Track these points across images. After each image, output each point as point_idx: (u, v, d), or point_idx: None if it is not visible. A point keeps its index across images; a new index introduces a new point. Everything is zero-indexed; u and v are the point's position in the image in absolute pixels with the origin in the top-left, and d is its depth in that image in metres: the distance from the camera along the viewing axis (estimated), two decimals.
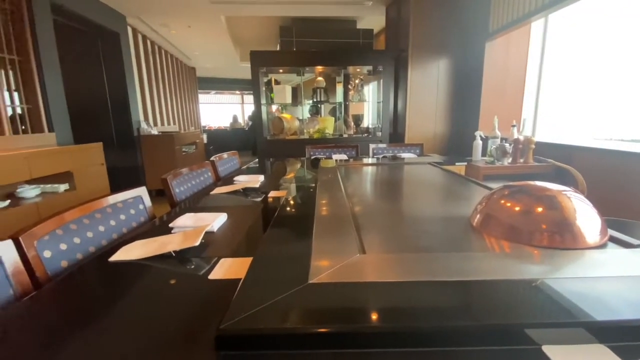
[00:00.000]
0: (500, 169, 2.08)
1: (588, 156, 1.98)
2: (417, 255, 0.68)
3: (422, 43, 3.50)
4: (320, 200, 1.11)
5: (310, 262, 0.62)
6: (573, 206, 0.75)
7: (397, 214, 1.07)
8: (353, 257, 0.64)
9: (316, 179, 1.48)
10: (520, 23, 2.76)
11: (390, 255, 0.69)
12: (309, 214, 0.93)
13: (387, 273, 0.60)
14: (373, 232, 0.85)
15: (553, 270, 0.60)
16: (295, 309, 0.48)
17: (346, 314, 0.48)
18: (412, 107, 3.60)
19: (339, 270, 0.59)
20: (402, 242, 0.80)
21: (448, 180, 1.50)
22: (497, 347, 0.43)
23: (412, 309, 0.49)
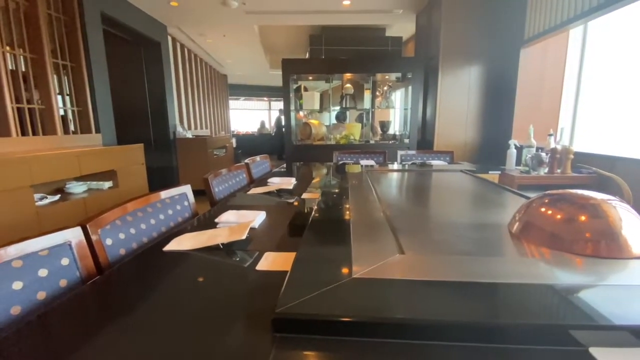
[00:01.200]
0: (535, 178, 2.01)
1: (633, 167, 1.87)
2: (456, 257, 0.70)
3: (453, 49, 3.46)
4: (354, 204, 1.14)
5: (351, 259, 0.65)
6: (619, 215, 0.73)
7: (431, 218, 1.08)
8: (393, 256, 0.67)
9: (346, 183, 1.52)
10: (558, 30, 2.68)
11: (428, 256, 0.71)
12: (343, 216, 0.97)
13: (426, 272, 0.62)
14: (409, 235, 0.87)
15: (598, 278, 0.60)
16: (342, 300, 0.52)
17: (388, 307, 0.51)
18: (441, 114, 3.56)
19: (380, 267, 0.62)
20: (439, 245, 0.81)
21: (482, 188, 1.48)
22: (542, 347, 0.44)
23: (453, 306, 0.51)
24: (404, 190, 1.55)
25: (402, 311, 0.50)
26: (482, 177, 1.68)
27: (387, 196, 1.33)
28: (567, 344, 0.44)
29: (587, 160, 2.15)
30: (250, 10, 3.85)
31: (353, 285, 0.56)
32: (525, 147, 2.17)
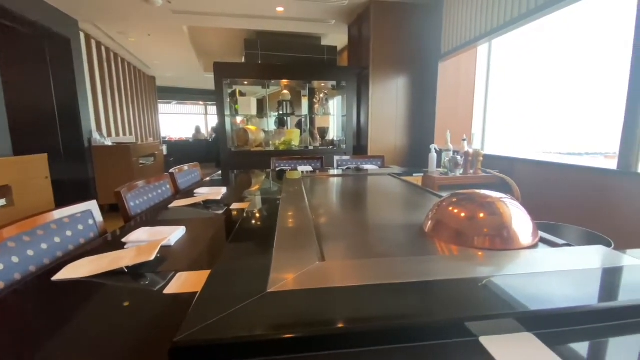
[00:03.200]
0: (453, 179, 2.23)
1: (526, 167, 2.21)
2: (373, 260, 0.72)
3: (382, 61, 3.69)
4: (284, 211, 1.12)
5: (269, 272, 0.62)
6: (510, 212, 0.83)
7: (357, 222, 1.11)
8: (312, 265, 0.66)
9: (281, 191, 1.49)
10: (468, 47, 3.03)
11: (348, 261, 0.72)
12: (271, 225, 0.94)
13: (344, 278, 0.62)
14: (334, 241, 0.87)
15: (493, 270, 0.66)
16: (252, 318, 0.49)
17: (303, 319, 0.50)
18: (373, 121, 3.76)
19: (298, 278, 0.60)
20: (361, 249, 0.83)
21: (406, 190, 1.58)
22: (443, 341, 0.47)
23: (366, 310, 0.52)
24: (335, 195, 1.59)
25: (313, 323, 0.49)
26: (407, 180, 1.80)
27: (318, 202, 1.34)
28: (462, 336, 0.48)
29: (494, 161, 2.47)
30: (178, 9, 3.62)
31: (267, 300, 0.53)
32: (444, 151, 2.40)
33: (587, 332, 0.49)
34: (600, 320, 0.51)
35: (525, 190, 2.18)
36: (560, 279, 0.60)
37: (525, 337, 0.47)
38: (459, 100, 3.48)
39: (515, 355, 0.44)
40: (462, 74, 3.48)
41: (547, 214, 2.04)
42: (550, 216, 2.01)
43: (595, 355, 0.49)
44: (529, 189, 2.18)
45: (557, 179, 1.99)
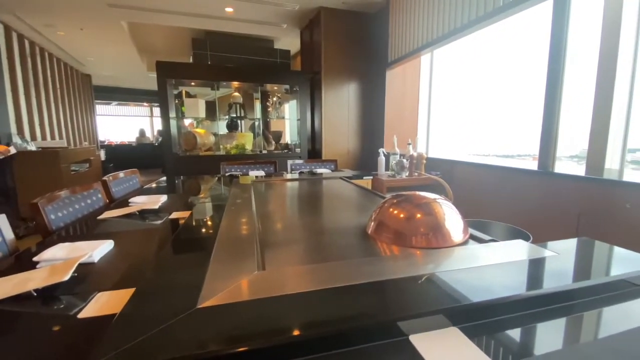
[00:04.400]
0: (399, 181, 2.34)
1: (464, 168, 2.40)
2: (314, 266, 0.71)
3: (333, 67, 3.77)
4: (227, 219, 1.07)
5: (202, 286, 0.59)
6: (443, 212, 0.88)
7: (305, 227, 1.10)
8: (250, 275, 0.63)
9: (227, 197, 1.44)
10: (412, 56, 3.22)
11: (288, 268, 0.70)
12: (211, 235, 0.89)
13: (281, 287, 0.60)
14: (278, 248, 0.85)
15: (428, 268, 0.70)
16: (176, 340, 0.45)
17: (233, 335, 0.47)
18: (327, 126, 3.81)
19: (232, 290, 0.57)
20: (305, 254, 0.82)
21: (355, 193, 1.61)
22: (376, 343, 0.47)
23: (298, 319, 0.51)
24: (285, 200, 1.57)
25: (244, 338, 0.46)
26: (356, 183, 1.84)
27: (266, 208, 1.31)
28: (394, 336, 0.49)
29: (436, 163, 2.64)
30: (114, 3, 3.34)
31: (196, 317, 0.50)
32: (391, 155, 2.51)
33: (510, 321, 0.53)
34: (519, 309, 0.55)
35: (462, 189, 2.37)
36: (485, 273, 0.65)
37: (451, 332, 0.50)
38: (405, 107, 3.68)
39: (440, 351, 0.45)
40: (408, 82, 3.69)
41: (482, 211, 2.23)
42: (485, 213, 2.20)
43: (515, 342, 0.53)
44: (466, 188, 2.37)
45: (490, 179, 2.19)
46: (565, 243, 0.78)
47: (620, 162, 1.77)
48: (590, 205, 1.53)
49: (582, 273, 0.65)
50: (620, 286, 0.62)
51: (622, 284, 0.62)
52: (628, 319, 0.55)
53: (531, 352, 0.48)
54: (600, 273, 0.65)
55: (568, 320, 0.54)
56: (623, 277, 0.63)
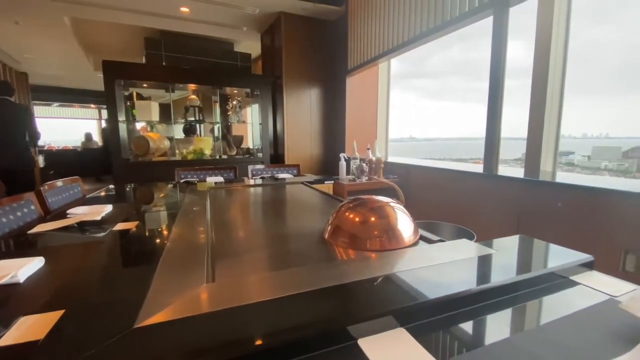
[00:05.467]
0: (360, 185, 2.39)
1: (418, 171, 2.52)
2: (266, 275, 0.69)
3: (295, 72, 3.78)
4: (178, 229, 1.01)
5: (142, 303, 0.54)
6: (396, 215, 0.91)
7: (261, 235, 1.07)
8: (197, 288, 0.60)
9: (181, 205, 1.36)
10: (370, 64, 3.33)
11: (239, 279, 0.68)
12: (159, 247, 0.84)
13: (230, 299, 0.58)
14: (231, 258, 0.82)
15: (381, 270, 0.71)
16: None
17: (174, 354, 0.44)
18: (289, 130, 3.80)
19: (175, 306, 0.54)
20: (259, 263, 0.80)
21: (315, 198, 1.62)
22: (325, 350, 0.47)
23: (247, 331, 0.49)
24: (242, 207, 1.53)
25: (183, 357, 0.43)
26: (317, 188, 1.85)
27: (222, 216, 1.27)
28: (344, 341, 0.49)
29: (394, 167, 2.75)
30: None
31: (132, 338, 0.46)
32: (352, 159, 2.56)
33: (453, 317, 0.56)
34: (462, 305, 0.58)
35: (417, 192, 2.49)
36: (432, 272, 0.68)
37: (398, 333, 0.51)
38: (365, 112, 3.79)
39: (386, 352, 0.46)
40: (367, 88, 3.80)
41: (435, 212, 2.36)
42: (437, 214, 2.33)
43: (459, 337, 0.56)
44: (421, 191, 2.49)
45: (441, 181, 2.32)
46: (504, 241, 0.84)
47: (553, 165, 1.96)
48: (529, 205, 1.68)
49: (518, 268, 0.70)
50: (550, 279, 0.68)
51: (552, 276, 0.69)
52: (557, 308, 0.60)
53: (473, 345, 0.51)
54: (534, 267, 0.71)
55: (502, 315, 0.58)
56: (553, 270, 0.69)
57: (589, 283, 0.67)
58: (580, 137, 2.37)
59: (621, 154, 2.21)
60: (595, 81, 18.18)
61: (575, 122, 2.39)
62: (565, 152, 2.57)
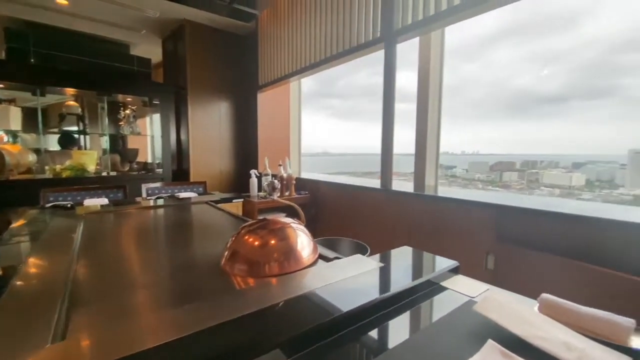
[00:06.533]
0: (271, 202, 2.36)
1: (326, 187, 2.64)
2: (138, 322, 0.59)
3: (202, 84, 3.58)
4: (29, 269, 0.81)
5: None
6: (296, 235, 0.91)
7: (143, 269, 0.94)
8: (37, 352, 0.47)
9: (42, 236, 1.10)
10: (281, 82, 3.38)
11: (102, 333, 0.56)
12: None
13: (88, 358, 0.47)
14: (95, 303, 0.68)
15: (278, 295, 0.68)
16: None
17: None
18: (195, 144, 3.54)
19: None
20: (135, 305, 0.69)
21: (219, 219, 1.51)
22: None
23: None
24: (126, 235, 1.32)
25: None
26: (223, 208, 1.74)
27: (94, 248, 1.07)
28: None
29: (305, 183, 2.81)
30: None
31: None
32: (263, 176, 2.52)
33: (343, 339, 0.56)
34: (349, 324, 0.60)
35: (326, 206, 2.59)
36: (325, 292, 0.69)
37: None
38: (278, 128, 3.81)
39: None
40: (279, 104, 3.85)
41: (341, 226, 2.49)
42: (343, 228, 2.46)
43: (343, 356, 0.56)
44: (329, 205, 2.61)
45: (346, 196, 2.47)
46: (390, 254, 0.92)
47: (435, 179, 2.29)
48: (417, 217, 1.92)
49: (399, 280, 0.77)
50: (425, 286, 0.76)
51: (427, 284, 0.77)
52: (428, 314, 0.67)
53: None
54: (413, 277, 0.79)
55: (382, 330, 0.62)
56: (428, 278, 0.78)
57: (455, 287, 0.77)
58: (459, 154, 2.97)
59: (489, 167, 2.78)
60: (468, 108, 23.46)
61: (456, 141, 3.04)
62: (449, 167, 3.05)
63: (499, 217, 1.49)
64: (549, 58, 2.23)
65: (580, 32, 2.84)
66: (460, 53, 2.79)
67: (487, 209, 1.53)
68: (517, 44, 2.99)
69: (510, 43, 4.29)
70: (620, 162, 2.14)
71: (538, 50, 2.15)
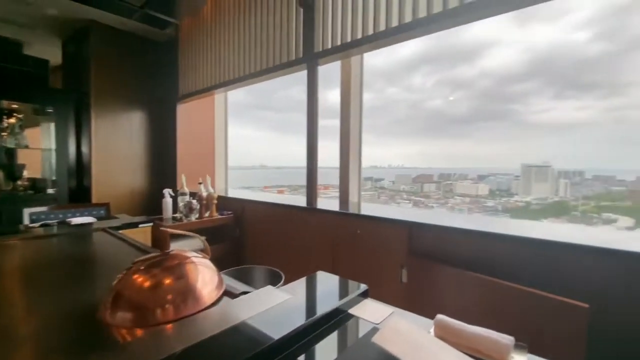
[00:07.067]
0: (188, 225, 2.16)
1: (252, 206, 2.53)
2: None
3: (110, 92, 3.18)
4: None
5: None
6: (197, 271, 0.81)
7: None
8: None
9: None
10: (205, 93, 3.20)
11: None
12: None
13: None
14: None
15: (172, 345, 0.58)
16: None
17: None
18: (100, 160, 3.10)
19: None
20: None
21: (115, 252, 1.31)
22: None
23: None
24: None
25: None
26: (126, 235, 1.52)
27: None
28: None
29: (230, 203, 2.66)
30: None
31: None
32: (180, 195, 2.30)
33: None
34: None
35: (251, 227, 2.49)
36: (227, 336, 0.62)
37: None
38: (202, 143, 3.58)
39: None
40: (203, 117, 3.62)
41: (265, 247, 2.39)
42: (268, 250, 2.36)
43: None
44: (255, 226, 2.50)
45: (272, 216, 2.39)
46: (302, 282, 0.89)
47: (358, 196, 2.38)
48: (340, 235, 1.94)
49: (307, 312, 0.73)
50: (334, 315, 0.74)
51: (336, 312, 0.75)
52: (333, 347, 0.65)
53: None
54: (321, 308, 0.76)
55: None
56: (337, 306, 0.76)
57: (362, 313, 0.76)
58: (387, 167, 3.24)
59: (411, 179, 3.01)
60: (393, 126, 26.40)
61: (385, 156, 3.37)
62: (378, 179, 3.24)
63: (411, 233, 1.59)
64: (456, 85, 2.62)
65: (480, 65, 3.44)
66: (385, 76, 3.05)
67: (402, 226, 1.63)
68: (430, 72, 3.45)
69: (425, 71, 4.90)
70: (514, 174, 2.53)
71: (447, 79, 2.52)
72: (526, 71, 2.46)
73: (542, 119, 2.37)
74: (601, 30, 2.10)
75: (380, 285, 1.64)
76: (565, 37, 2.24)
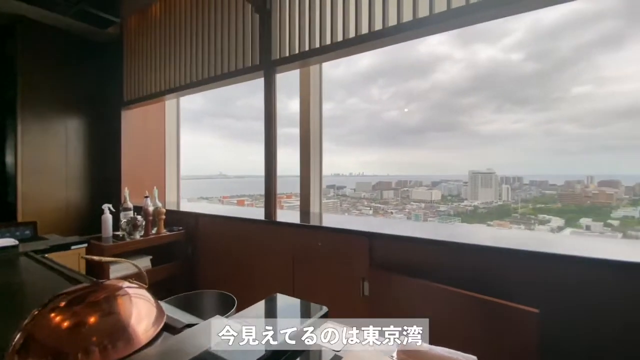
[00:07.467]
0: (131, 244, 1.94)
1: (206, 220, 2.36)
2: None
3: (40, 94, 2.83)
4: None
5: None
6: (130, 305, 0.70)
7: None
8: None
9: None
10: (153, 99, 2.97)
11: None
12: None
13: None
14: None
15: None
16: None
17: None
18: (28, 172, 2.73)
19: None
20: None
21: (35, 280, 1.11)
22: None
23: None
24: None
25: None
26: (52, 260, 1.31)
27: None
28: None
29: (181, 217, 2.46)
30: None
31: None
32: (122, 211, 2.08)
33: None
34: None
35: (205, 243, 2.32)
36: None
37: None
38: (150, 152, 3.31)
39: None
40: (153, 125, 3.37)
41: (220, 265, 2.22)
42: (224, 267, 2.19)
43: None
44: (209, 242, 2.33)
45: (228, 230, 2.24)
46: (257, 308, 0.81)
47: (319, 206, 2.33)
48: (300, 248, 1.87)
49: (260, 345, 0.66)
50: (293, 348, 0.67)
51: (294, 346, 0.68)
52: None
53: None
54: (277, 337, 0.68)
55: None
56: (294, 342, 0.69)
57: (322, 339, 0.70)
58: (348, 175, 3.32)
59: (371, 187, 3.06)
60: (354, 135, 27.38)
61: (346, 164, 3.47)
62: (340, 187, 3.25)
63: (372, 244, 1.58)
64: (410, 98, 2.77)
65: (431, 79, 3.70)
66: (345, 87, 3.11)
67: (362, 237, 1.60)
68: (387, 84, 3.66)
69: (382, 83, 5.20)
70: (463, 180, 2.68)
71: (402, 91, 2.66)
72: (472, 86, 2.65)
73: (486, 129, 2.57)
74: (532, 51, 2.33)
75: (342, 300, 1.60)
76: (504, 56, 2.46)
